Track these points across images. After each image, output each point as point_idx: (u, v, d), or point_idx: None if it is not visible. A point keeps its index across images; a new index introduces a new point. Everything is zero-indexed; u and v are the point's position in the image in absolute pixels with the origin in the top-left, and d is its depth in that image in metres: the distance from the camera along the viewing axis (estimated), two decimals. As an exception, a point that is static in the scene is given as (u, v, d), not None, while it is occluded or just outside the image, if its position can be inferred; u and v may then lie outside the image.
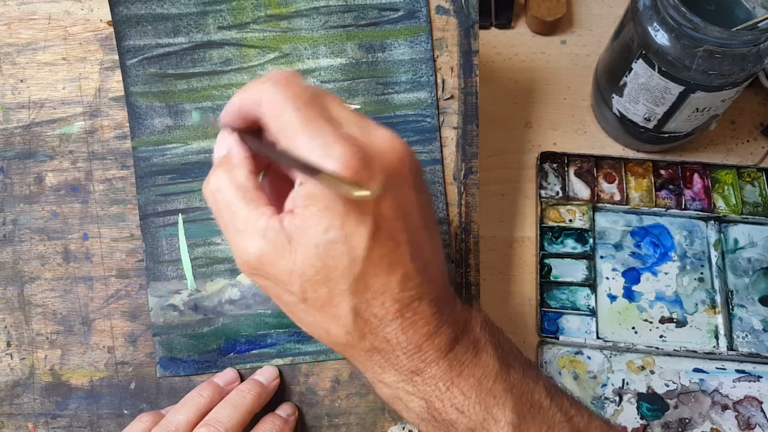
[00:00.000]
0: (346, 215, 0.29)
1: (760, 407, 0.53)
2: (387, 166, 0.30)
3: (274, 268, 0.31)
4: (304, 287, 0.31)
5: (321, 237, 0.29)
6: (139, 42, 0.45)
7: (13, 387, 0.46)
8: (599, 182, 0.60)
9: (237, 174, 0.32)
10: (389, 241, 0.31)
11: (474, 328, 0.35)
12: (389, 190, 0.30)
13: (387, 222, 0.30)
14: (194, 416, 0.41)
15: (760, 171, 0.60)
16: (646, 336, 0.55)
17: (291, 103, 0.30)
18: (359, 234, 0.30)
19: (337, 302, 0.31)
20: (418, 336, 0.32)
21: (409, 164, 0.32)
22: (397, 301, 0.31)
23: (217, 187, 0.32)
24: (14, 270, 0.46)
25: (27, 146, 0.46)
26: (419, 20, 0.46)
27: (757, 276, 0.57)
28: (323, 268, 0.30)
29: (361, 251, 0.30)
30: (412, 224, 0.32)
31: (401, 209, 0.31)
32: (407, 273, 0.31)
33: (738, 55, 0.48)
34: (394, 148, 0.31)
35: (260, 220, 0.31)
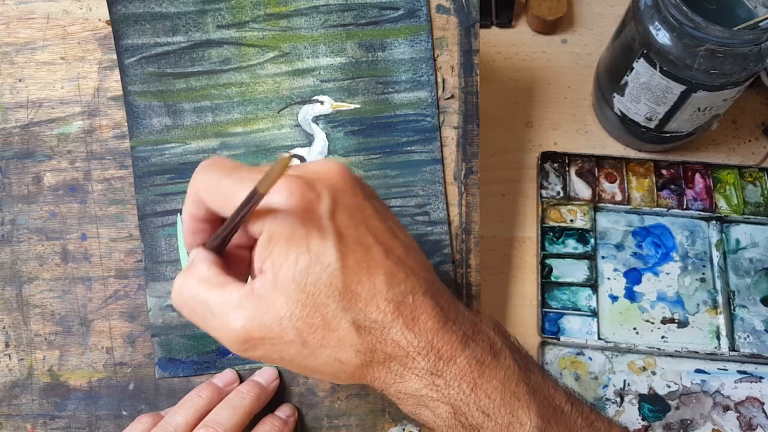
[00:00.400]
0: (307, 236, 0.30)
1: (761, 408, 0.53)
2: (329, 183, 0.32)
3: (263, 328, 0.31)
4: (298, 328, 0.31)
5: (294, 269, 0.30)
6: (138, 41, 0.45)
7: (11, 388, 0.45)
8: (600, 182, 0.59)
9: (197, 269, 0.33)
10: (358, 246, 0.31)
11: (486, 330, 0.35)
12: (339, 201, 0.31)
13: (349, 230, 0.31)
14: (193, 417, 0.40)
15: (761, 171, 0.60)
16: (648, 337, 0.55)
17: (222, 174, 0.32)
18: (326, 248, 0.30)
19: (334, 324, 0.31)
20: (426, 331, 0.32)
21: (350, 178, 0.33)
22: (390, 300, 0.31)
23: (179, 288, 0.33)
24: (12, 270, 0.46)
25: (25, 146, 0.46)
26: (419, 19, 0.46)
27: (759, 276, 0.56)
28: (308, 298, 0.30)
29: (336, 263, 0.30)
30: (374, 227, 0.33)
31: (359, 215, 0.32)
32: (388, 270, 0.32)
33: (739, 54, 0.48)
34: (329, 167, 0.33)
35: (232, 295, 0.31)
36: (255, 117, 0.46)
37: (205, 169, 0.32)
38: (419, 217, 0.46)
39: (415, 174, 0.46)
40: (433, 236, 0.46)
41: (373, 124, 0.46)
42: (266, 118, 0.46)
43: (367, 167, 0.46)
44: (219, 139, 0.46)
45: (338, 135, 0.46)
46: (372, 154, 0.46)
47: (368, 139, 0.46)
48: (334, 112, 0.46)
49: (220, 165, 0.32)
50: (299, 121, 0.46)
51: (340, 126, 0.46)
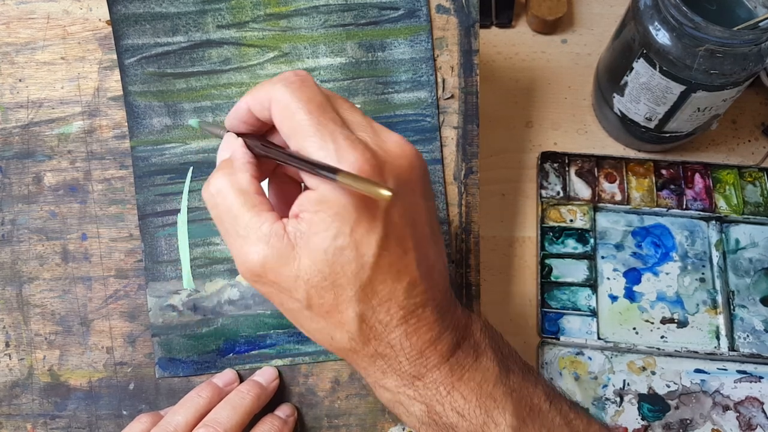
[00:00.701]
0: (356, 222, 0.29)
1: (761, 408, 0.53)
2: (398, 172, 0.30)
3: (278, 275, 0.30)
4: (309, 293, 0.30)
5: (330, 243, 0.29)
6: (138, 41, 0.45)
7: (11, 387, 0.45)
8: (600, 182, 0.60)
9: (239, 178, 0.31)
10: (398, 248, 0.31)
11: (474, 332, 0.35)
12: (399, 197, 0.30)
13: (396, 229, 0.31)
14: (193, 417, 0.40)
15: (761, 171, 0.60)
16: (647, 336, 0.55)
17: (303, 106, 0.30)
18: (369, 241, 0.30)
19: (342, 308, 0.31)
20: (422, 342, 0.32)
21: (419, 171, 0.32)
22: (402, 308, 0.31)
23: (217, 190, 0.32)
24: (13, 270, 0.46)
25: (25, 146, 0.46)
26: (419, 19, 0.46)
27: (759, 276, 0.56)
28: (331, 274, 0.30)
29: (371, 258, 0.30)
30: (420, 231, 0.32)
31: (410, 216, 0.31)
32: (413, 280, 0.31)
33: (739, 54, 0.48)
34: (405, 153, 0.31)
35: (263, 225, 0.30)
36: (255, 117, 0.46)
37: (291, 87, 0.30)
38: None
39: (415, 174, 0.46)
40: (432, 236, 0.46)
41: (373, 124, 0.46)
42: (266, 118, 0.46)
43: (367, 167, 0.46)
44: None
45: (338, 135, 0.46)
46: (372, 154, 0.46)
47: (368, 139, 0.46)
48: (334, 112, 0.46)
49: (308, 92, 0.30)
50: (299, 121, 0.46)
51: (340, 126, 0.46)
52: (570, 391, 0.53)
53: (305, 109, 0.30)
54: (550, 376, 0.54)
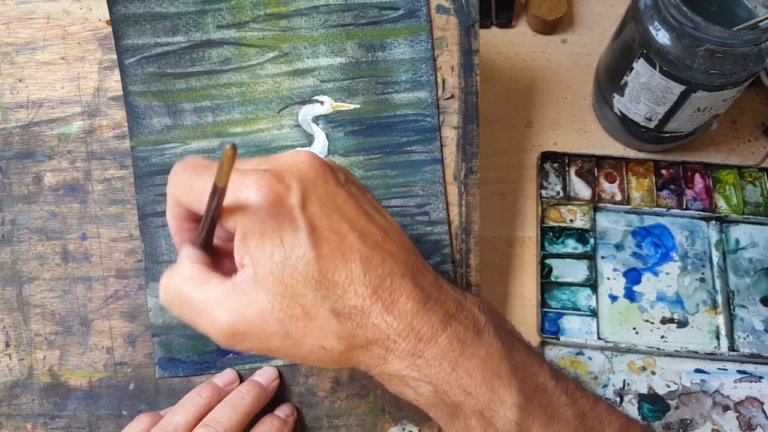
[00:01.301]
0: (280, 230, 0.31)
1: (761, 408, 0.53)
2: (298, 174, 0.32)
3: (247, 322, 0.31)
4: (280, 320, 0.31)
5: (270, 262, 0.31)
6: (138, 41, 0.45)
7: (11, 387, 0.45)
8: (600, 182, 0.60)
9: (181, 268, 0.34)
10: (332, 234, 0.32)
11: (470, 308, 0.35)
12: (310, 191, 0.32)
13: (321, 219, 0.32)
14: (193, 417, 0.40)
15: (761, 171, 0.60)
16: (647, 336, 0.55)
17: (193, 173, 0.32)
18: (299, 240, 0.31)
19: (314, 314, 0.31)
20: (405, 314, 0.32)
21: (320, 165, 0.33)
22: (367, 285, 0.32)
23: (165, 286, 0.34)
24: (13, 270, 0.46)
25: (25, 146, 0.46)
26: (419, 19, 0.46)
27: (759, 276, 0.56)
28: (286, 288, 0.31)
29: (310, 254, 0.31)
30: (348, 213, 0.33)
31: (330, 204, 0.32)
32: (364, 255, 0.32)
33: (739, 54, 0.48)
34: (298, 158, 0.33)
35: (214, 291, 0.32)
36: (255, 117, 0.46)
37: (179, 171, 0.33)
38: (419, 217, 0.46)
39: (415, 174, 0.46)
40: (433, 236, 0.46)
41: (373, 124, 0.46)
42: (266, 118, 0.46)
43: (367, 167, 0.46)
44: (219, 139, 0.46)
45: (338, 135, 0.46)
46: (372, 154, 0.46)
47: (368, 139, 0.46)
48: (334, 112, 0.46)
49: (192, 165, 0.33)
50: (299, 121, 0.46)
51: (340, 126, 0.46)
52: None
53: (195, 175, 0.32)
54: (550, 376, 0.54)
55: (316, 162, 0.33)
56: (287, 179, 0.31)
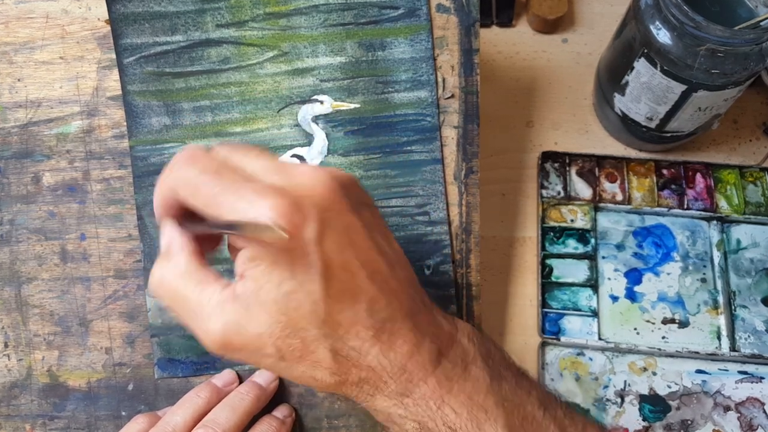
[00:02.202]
0: (293, 263, 0.30)
1: (762, 408, 0.53)
2: (317, 201, 0.30)
3: (243, 339, 0.30)
4: (277, 345, 0.31)
5: (277, 291, 0.30)
6: (137, 40, 0.45)
7: (10, 388, 0.45)
8: (601, 182, 0.59)
9: (177, 261, 0.32)
10: (343, 272, 0.31)
11: (460, 340, 0.35)
12: (327, 224, 0.30)
13: (335, 256, 0.30)
14: (192, 418, 0.40)
15: (762, 171, 0.60)
16: (648, 337, 0.54)
17: (203, 177, 0.30)
18: (311, 277, 0.30)
19: (313, 348, 0.31)
20: (400, 356, 0.32)
21: (339, 190, 0.31)
22: (370, 328, 0.31)
23: (159, 280, 0.32)
24: (11, 270, 0.46)
25: (24, 146, 0.46)
26: (419, 18, 0.46)
27: (760, 276, 0.56)
28: (289, 321, 0.30)
29: (319, 293, 0.30)
30: (361, 247, 0.32)
31: (346, 237, 0.31)
32: (371, 297, 0.31)
33: (740, 54, 0.48)
34: (319, 180, 0.31)
35: (212, 297, 0.31)
36: (254, 116, 0.46)
37: (184, 165, 0.31)
38: (419, 217, 0.46)
39: (415, 174, 0.46)
40: (433, 236, 0.46)
41: (373, 123, 0.46)
42: (266, 118, 0.46)
43: (367, 167, 0.46)
44: (218, 138, 0.46)
45: (338, 134, 0.46)
46: (372, 154, 0.46)
47: (368, 138, 0.46)
48: (333, 111, 0.46)
49: (201, 164, 0.31)
50: (299, 120, 0.46)
51: (339, 125, 0.46)
52: (571, 392, 0.53)
53: (205, 179, 0.30)
54: (551, 377, 0.53)
55: (334, 185, 0.31)
56: (306, 208, 0.29)
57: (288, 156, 0.46)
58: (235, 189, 0.29)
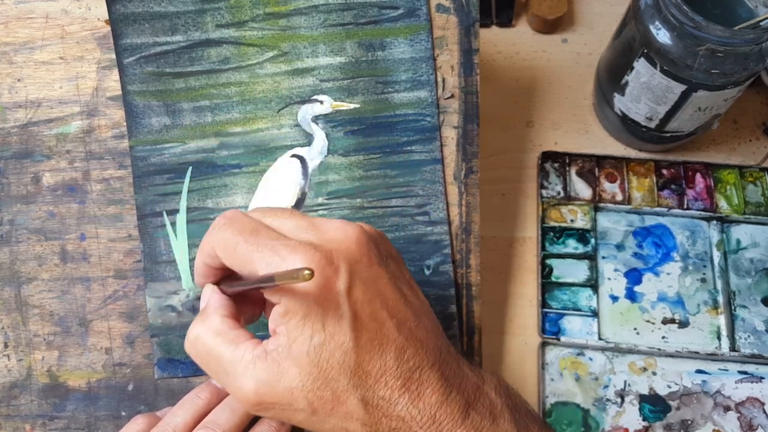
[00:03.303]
0: (324, 315, 0.31)
1: (762, 408, 0.53)
2: (346, 254, 0.32)
3: (274, 395, 0.32)
4: (309, 399, 0.32)
5: (308, 344, 0.31)
6: (137, 40, 0.45)
7: (10, 388, 0.45)
8: (601, 182, 0.59)
9: (212, 321, 0.34)
10: (372, 323, 0.32)
11: (488, 392, 0.35)
12: (356, 276, 0.32)
13: (363, 306, 0.32)
14: (192, 418, 0.40)
15: (762, 171, 0.60)
16: (648, 337, 0.54)
17: (240, 237, 0.32)
18: (342, 328, 0.31)
19: (343, 399, 0.32)
20: (429, 406, 0.33)
21: (367, 244, 0.33)
22: (398, 377, 0.32)
23: (195, 338, 0.34)
24: (11, 270, 0.45)
25: (24, 146, 0.46)
26: (419, 18, 0.46)
27: (760, 276, 0.56)
28: (320, 372, 0.31)
29: (350, 342, 0.31)
30: (388, 298, 0.33)
31: (374, 288, 0.33)
32: (399, 346, 0.32)
33: (740, 54, 0.48)
34: (348, 235, 0.33)
35: (245, 355, 0.32)
36: (254, 116, 0.46)
37: (223, 228, 0.33)
38: (419, 217, 0.46)
39: (415, 174, 0.46)
40: (433, 236, 0.46)
41: (372, 123, 0.46)
42: (266, 118, 0.46)
43: (367, 167, 0.46)
44: (218, 138, 0.46)
45: (338, 135, 0.46)
46: (372, 154, 0.46)
47: (368, 138, 0.46)
48: (333, 111, 0.46)
49: (239, 225, 0.33)
50: (299, 120, 0.46)
51: (339, 125, 0.46)
52: (571, 392, 0.53)
53: (242, 240, 0.32)
54: (551, 377, 0.53)
55: (363, 239, 0.33)
56: (336, 261, 0.31)
57: (288, 156, 0.46)
58: (270, 246, 0.31)
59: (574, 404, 0.53)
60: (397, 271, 0.35)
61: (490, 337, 0.55)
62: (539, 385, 0.53)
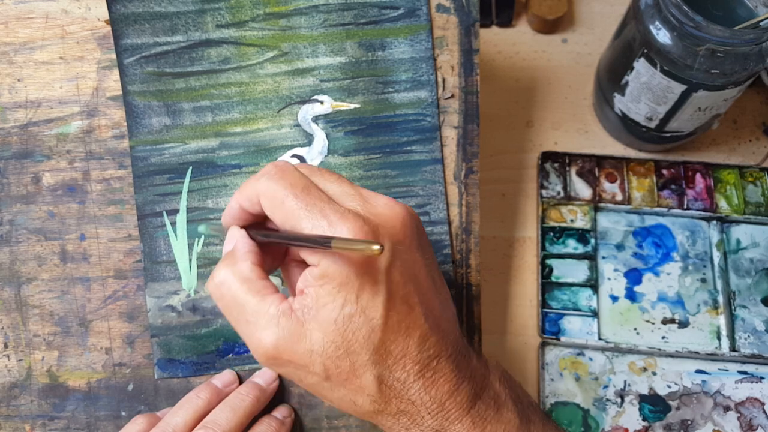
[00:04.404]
0: (360, 288, 0.31)
1: (762, 408, 0.53)
2: (392, 233, 0.32)
3: (293, 354, 0.31)
4: (326, 365, 0.31)
5: (339, 312, 0.31)
6: (137, 40, 0.45)
7: (10, 389, 0.45)
8: (601, 182, 0.59)
9: (241, 267, 0.33)
10: (403, 305, 0.32)
11: (493, 383, 0.36)
12: (397, 256, 0.32)
13: (399, 288, 0.32)
14: (192, 418, 0.40)
15: (762, 171, 0.60)
16: (648, 337, 0.55)
17: (289, 193, 0.32)
18: (375, 304, 0.31)
19: (360, 373, 0.32)
20: (441, 394, 0.33)
21: (412, 228, 0.33)
22: (417, 363, 0.32)
23: (221, 281, 0.33)
24: (11, 271, 0.45)
25: (24, 146, 0.45)
26: (419, 18, 0.46)
27: (760, 276, 0.56)
28: (344, 342, 0.31)
29: (379, 320, 0.31)
30: (421, 285, 0.33)
31: (410, 272, 0.33)
32: (423, 333, 0.32)
33: (740, 54, 0.48)
34: (396, 214, 0.33)
35: (270, 308, 0.32)
36: (254, 117, 0.46)
37: (274, 178, 0.32)
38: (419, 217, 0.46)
39: (415, 174, 0.46)
40: (433, 236, 0.46)
41: (373, 123, 0.46)
42: (266, 118, 0.46)
43: (367, 167, 0.46)
44: (218, 138, 0.46)
45: (338, 135, 0.46)
46: (372, 154, 0.46)
47: (368, 138, 0.46)
48: (333, 111, 0.46)
49: (291, 179, 0.32)
50: (299, 120, 0.46)
51: (339, 126, 0.46)
52: (571, 392, 0.53)
53: (291, 194, 0.31)
54: (551, 377, 0.53)
55: (409, 221, 0.33)
56: (381, 237, 0.31)
57: (288, 156, 0.46)
58: (320, 208, 0.31)
59: (574, 404, 0.53)
60: (431, 259, 0.35)
61: (490, 336, 0.55)
62: (539, 385, 0.53)
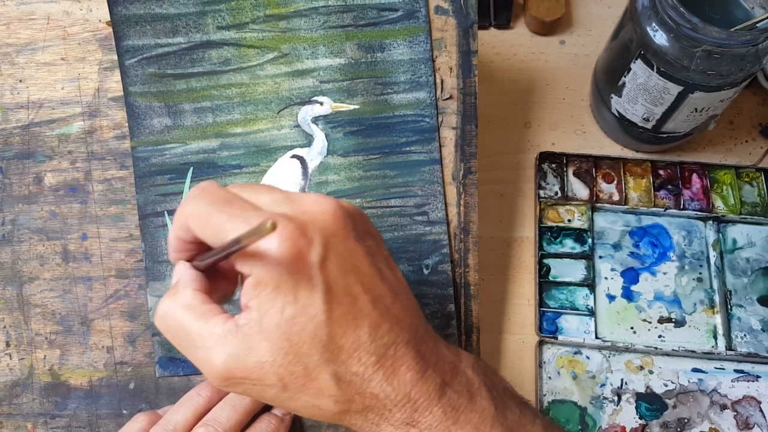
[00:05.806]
0: (295, 287, 0.30)
1: (758, 407, 0.53)
2: (322, 227, 0.31)
3: (245, 370, 0.31)
4: (279, 374, 0.31)
5: (279, 317, 0.30)
6: (138, 42, 0.45)
7: (12, 387, 0.45)
8: (598, 182, 0.60)
9: (182, 295, 0.32)
10: (346, 297, 0.31)
11: (465, 370, 0.35)
12: (331, 249, 0.31)
13: (337, 279, 0.31)
14: (193, 416, 0.40)
15: (758, 171, 0.60)
16: (645, 336, 0.55)
17: (213, 208, 0.31)
18: (314, 300, 0.30)
19: (315, 375, 0.31)
20: (404, 384, 0.32)
21: (343, 218, 0.32)
22: (372, 353, 0.31)
23: (164, 313, 0.32)
24: (13, 270, 0.46)
25: (26, 146, 0.46)
26: (418, 20, 0.46)
27: (756, 276, 0.57)
28: (291, 346, 0.30)
29: (322, 315, 0.30)
30: (364, 273, 0.32)
31: (348, 262, 0.32)
32: (373, 322, 0.32)
33: (736, 55, 0.48)
34: (325, 208, 0.32)
35: (215, 329, 0.31)
36: (255, 117, 0.46)
37: (196, 199, 0.32)
38: (418, 217, 0.47)
39: (413, 174, 0.47)
40: (431, 236, 0.47)
41: (372, 124, 0.46)
42: (266, 119, 0.46)
43: (366, 167, 0.46)
44: (219, 139, 0.46)
45: (337, 135, 0.46)
46: (371, 155, 0.47)
47: (367, 139, 0.46)
48: (333, 112, 0.46)
49: (212, 196, 0.32)
50: (299, 121, 0.46)
51: (339, 126, 0.46)
52: (568, 391, 0.53)
53: (215, 210, 0.31)
54: (549, 375, 0.54)
55: (339, 213, 0.32)
56: (310, 233, 0.30)
57: (288, 156, 0.46)
58: (244, 217, 0.30)
59: (571, 402, 0.53)
60: (374, 247, 0.34)
61: (488, 336, 0.55)
62: (537, 384, 0.54)
